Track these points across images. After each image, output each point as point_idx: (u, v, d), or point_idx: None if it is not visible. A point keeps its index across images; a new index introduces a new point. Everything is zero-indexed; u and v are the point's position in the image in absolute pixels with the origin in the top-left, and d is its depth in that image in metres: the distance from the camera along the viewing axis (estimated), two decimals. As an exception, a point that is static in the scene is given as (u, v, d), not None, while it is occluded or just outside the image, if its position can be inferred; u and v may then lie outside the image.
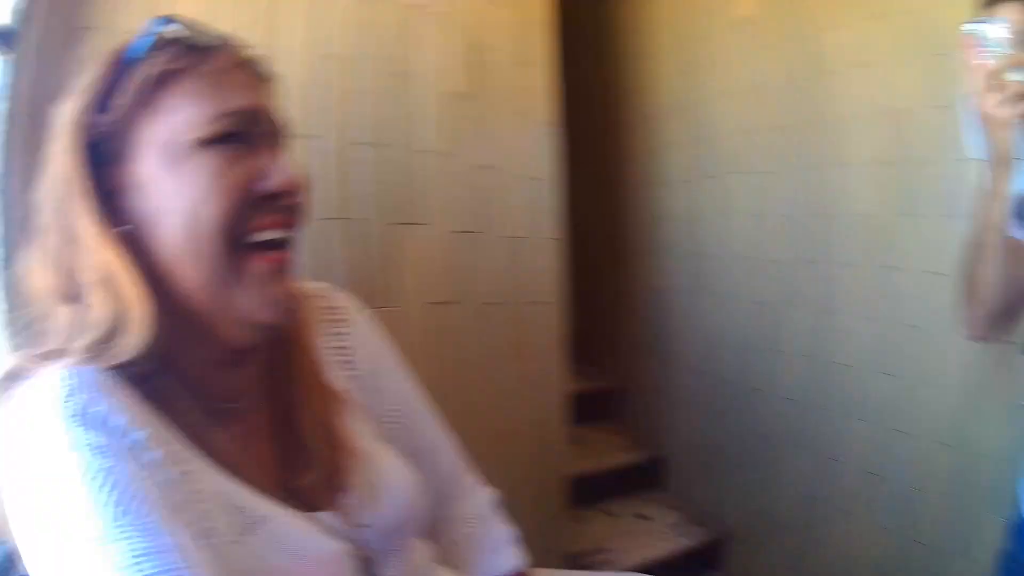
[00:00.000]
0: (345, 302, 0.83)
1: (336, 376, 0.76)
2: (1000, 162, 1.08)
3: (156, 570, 0.47)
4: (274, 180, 0.60)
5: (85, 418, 0.52)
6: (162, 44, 0.59)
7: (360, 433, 0.74)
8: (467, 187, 1.51)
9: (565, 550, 1.83)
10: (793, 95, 2.10)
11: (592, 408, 2.77)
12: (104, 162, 0.58)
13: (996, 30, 1.06)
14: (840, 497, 1.99)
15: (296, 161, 0.63)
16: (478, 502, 0.93)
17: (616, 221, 3.00)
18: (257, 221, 0.60)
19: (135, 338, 0.55)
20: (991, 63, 1.05)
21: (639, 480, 2.63)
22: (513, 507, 0.93)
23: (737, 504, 2.38)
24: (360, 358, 0.80)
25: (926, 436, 1.75)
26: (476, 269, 1.52)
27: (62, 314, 0.57)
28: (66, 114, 0.59)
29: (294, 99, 1.19)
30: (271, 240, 0.61)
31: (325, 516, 0.66)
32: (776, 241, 2.18)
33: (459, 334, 1.49)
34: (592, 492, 2.40)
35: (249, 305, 0.60)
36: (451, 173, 1.48)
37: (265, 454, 0.68)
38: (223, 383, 0.65)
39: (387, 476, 0.73)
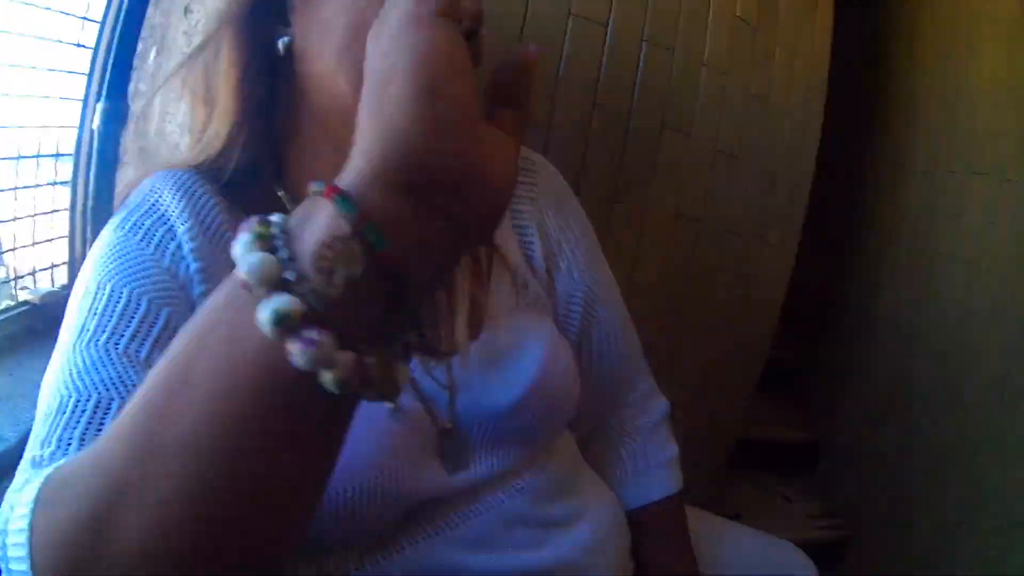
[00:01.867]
0: (539, 165, 0.77)
1: (499, 234, 0.69)
2: None
3: (78, 396, 0.45)
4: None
5: (126, 227, 0.54)
6: None
7: (501, 295, 0.67)
8: (739, 109, 1.47)
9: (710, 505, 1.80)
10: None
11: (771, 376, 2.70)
12: None
13: None
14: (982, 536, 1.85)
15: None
16: (650, 411, 0.86)
17: (850, 199, 2.87)
18: None
19: (218, 144, 0.55)
20: None
21: (793, 460, 2.55)
22: (684, 444, 0.87)
23: (878, 511, 2.26)
24: (536, 225, 0.73)
25: None
26: (727, 193, 1.49)
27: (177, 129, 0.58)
28: None
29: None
30: None
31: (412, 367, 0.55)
32: (999, 251, 2.03)
33: (696, 251, 1.46)
34: (746, 458, 2.33)
35: None
36: (727, 92, 1.45)
37: None
38: None
39: (518, 349, 0.64)
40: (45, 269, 1.16)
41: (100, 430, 0.43)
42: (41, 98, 1.06)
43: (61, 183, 1.13)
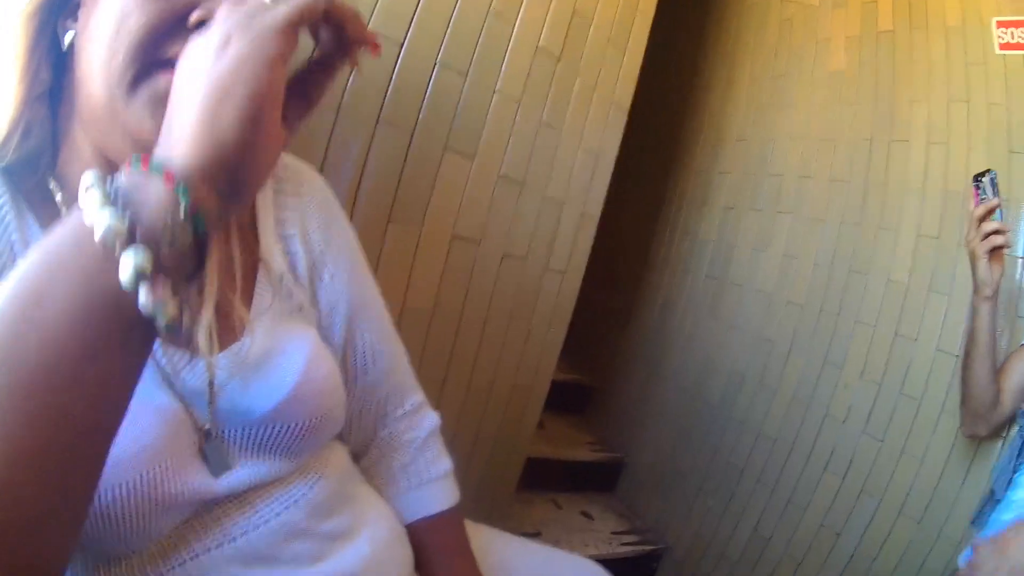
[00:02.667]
0: (306, 177, 0.78)
1: (261, 244, 0.71)
2: (977, 288, 1.45)
3: None
4: (214, 10, 0.54)
5: None
6: None
7: (262, 301, 0.68)
8: (528, 137, 1.52)
9: (505, 523, 1.85)
10: (860, 153, 2.14)
11: (565, 398, 2.80)
12: None
13: (988, 182, 1.45)
14: (794, 544, 2.04)
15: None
16: (420, 425, 0.87)
17: (646, 229, 3.03)
18: (177, 46, 0.52)
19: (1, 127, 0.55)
20: (978, 207, 1.44)
21: (592, 478, 2.65)
22: (470, 464, 0.88)
23: (684, 526, 2.42)
24: (301, 236, 0.74)
25: (893, 504, 1.81)
26: (509, 218, 1.53)
27: None
28: None
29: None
30: None
31: (170, 365, 0.59)
32: (801, 285, 2.22)
33: (475, 275, 1.49)
34: (544, 478, 2.42)
35: (140, 120, 0.53)
36: (518, 119, 1.49)
37: None
38: None
39: (279, 355, 0.65)
40: None
41: None
42: None
43: None
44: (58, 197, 0.58)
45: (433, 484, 0.85)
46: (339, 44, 0.50)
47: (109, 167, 0.58)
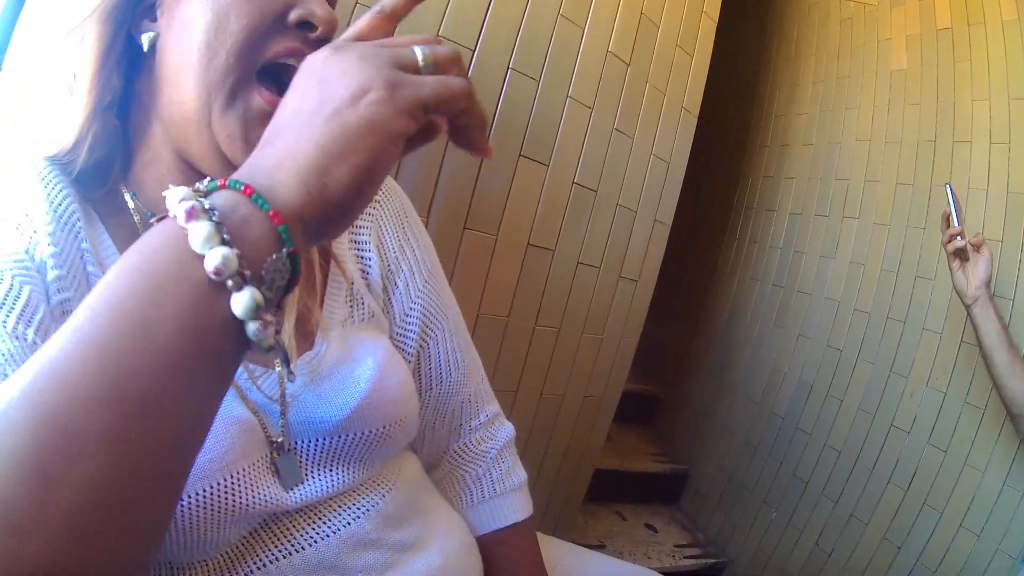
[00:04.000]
0: (386, 188, 0.77)
1: (334, 252, 0.70)
2: (960, 296, 1.50)
3: None
4: (313, 8, 0.55)
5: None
6: None
7: (336, 310, 0.67)
8: (600, 144, 1.49)
9: (571, 535, 1.81)
10: (924, 155, 2.09)
11: (631, 407, 2.75)
12: None
13: (948, 191, 1.53)
14: (854, 559, 2.00)
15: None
16: (495, 436, 0.85)
17: (713, 236, 2.98)
18: (278, 45, 0.54)
19: (71, 136, 0.53)
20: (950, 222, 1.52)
21: (657, 490, 2.61)
22: (539, 476, 0.86)
23: (746, 539, 2.37)
24: (376, 244, 0.73)
25: (954, 517, 1.77)
26: (584, 226, 1.50)
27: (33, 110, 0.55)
28: None
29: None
30: (291, 51, 0.55)
31: (243, 377, 0.59)
32: (868, 291, 2.16)
33: (550, 283, 1.47)
34: (609, 489, 2.38)
35: (230, 134, 0.54)
36: (591, 126, 1.47)
37: None
38: None
39: (350, 364, 0.64)
40: None
41: None
42: None
43: None
44: (131, 204, 0.57)
45: (508, 496, 0.83)
46: (457, 133, 0.46)
47: (191, 172, 0.57)
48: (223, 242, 0.34)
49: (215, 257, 0.33)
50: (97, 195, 0.56)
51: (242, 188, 0.36)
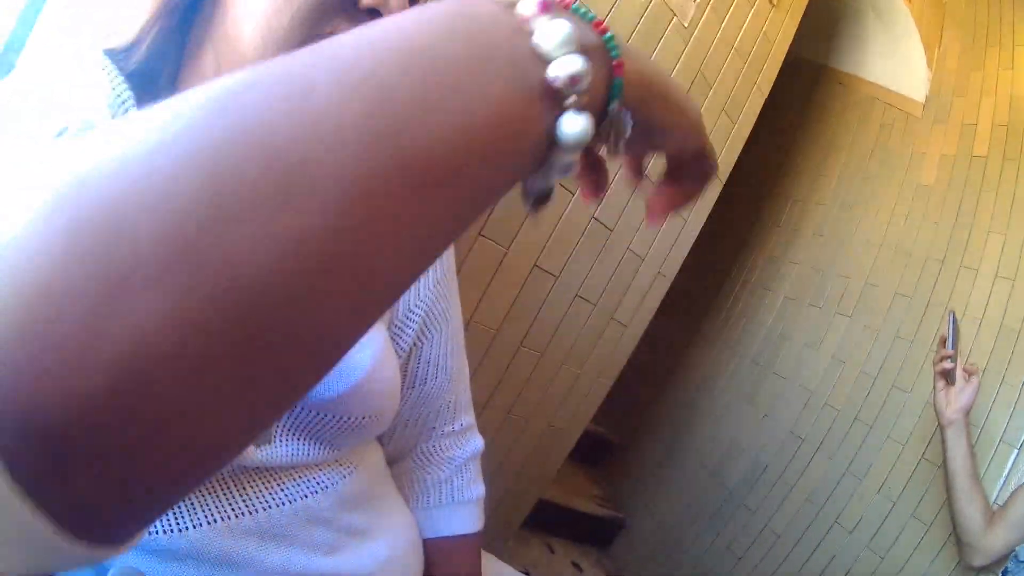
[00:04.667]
0: None
1: None
2: (937, 415, 1.53)
3: None
4: None
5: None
6: None
7: None
8: (627, 188, 1.50)
9: (499, 556, 1.81)
10: (929, 272, 2.13)
11: (585, 446, 2.76)
12: None
13: (950, 317, 1.60)
14: None
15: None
16: (465, 446, 0.84)
17: (703, 303, 3.00)
18: (341, 27, 0.52)
19: (130, 33, 0.52)
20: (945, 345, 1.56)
21: (590, 531, 2.60)
22: (487, 489, 0.86)
23: None
24: None
25: None
26: (590, 261, 1.51)
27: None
28: None
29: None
30: None
31: None
32: (843, 390, 2.19)
33: (545, 308, 1.48)
34: (545, 521, 2.38)
35: None
36: (621, 168, 1.48)
37: None
38: None
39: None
40: None
41: None
42: None
43: None
44: None
45: (464, 506, 0.82)
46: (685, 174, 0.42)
47: None
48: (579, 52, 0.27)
49: (569, 65, 0.26)
50: (144, 98, 0.54)
51: (593, 21, 0.30)
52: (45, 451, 0.16)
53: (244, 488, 0.58)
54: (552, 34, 0.27)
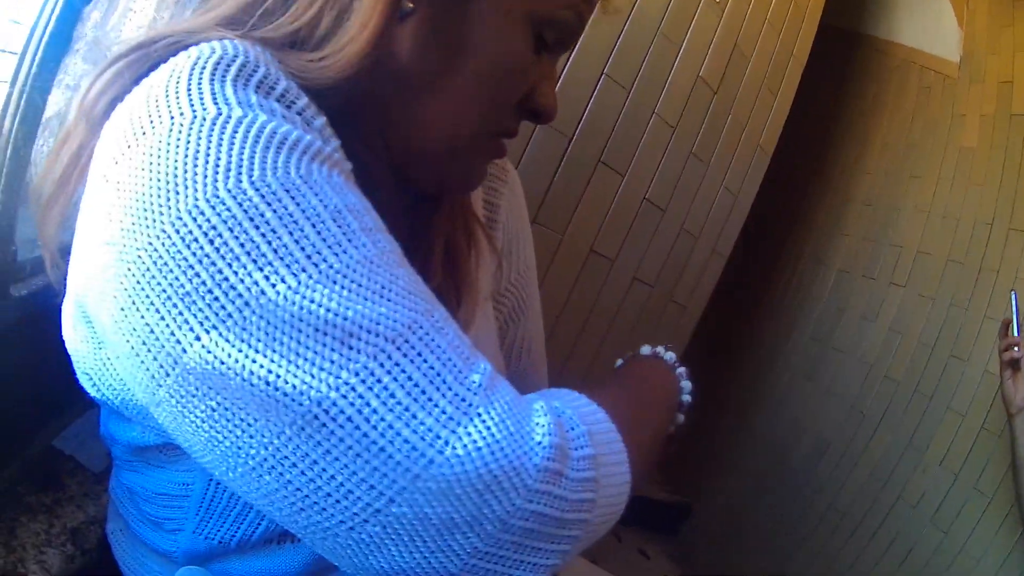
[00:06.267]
0: (510, 168, 0.77)
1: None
2: (1005, 405, 1.48)
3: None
4: (550, 102, 0.54)
5: (268, 90, 0.39)
6: None
7: (484, 284, 0.67)
8: (677, 165, 1.50)
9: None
10: (979, 236, 2.06)
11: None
12: None
13: (1013, 298, 1.53)
14: None
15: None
16: None
17: (760, 278, 2.96)
18: (512, 122, 0.54)
19: (344, 52, 0.43)
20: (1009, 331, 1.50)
21: (658, 518, 2.59)
22: None
23: None
24: (503, 222, 0.74)
25: None
26: (646, 241, 1.50)
27: None
28: None
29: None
30: (514, 132, 0.55)
31: None
32: (902, 361, 2.15)
33: (603, 292, 1.47)
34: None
35: (460, 173, 0.55)
36: (670, 147, 1.47)
37: None
38: (375, 179, 0.52)
39: (482, 339, 0.65)
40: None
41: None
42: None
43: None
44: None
45: None
46: None
47: (381, 162, 0.53)
48: (688, 391, 0.66)
49: (687, 395, 0.65)
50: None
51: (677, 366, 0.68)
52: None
53: None
54: (685, 386, 0.66)
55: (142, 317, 0.35)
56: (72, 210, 0.44)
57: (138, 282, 0.34)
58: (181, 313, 0.34)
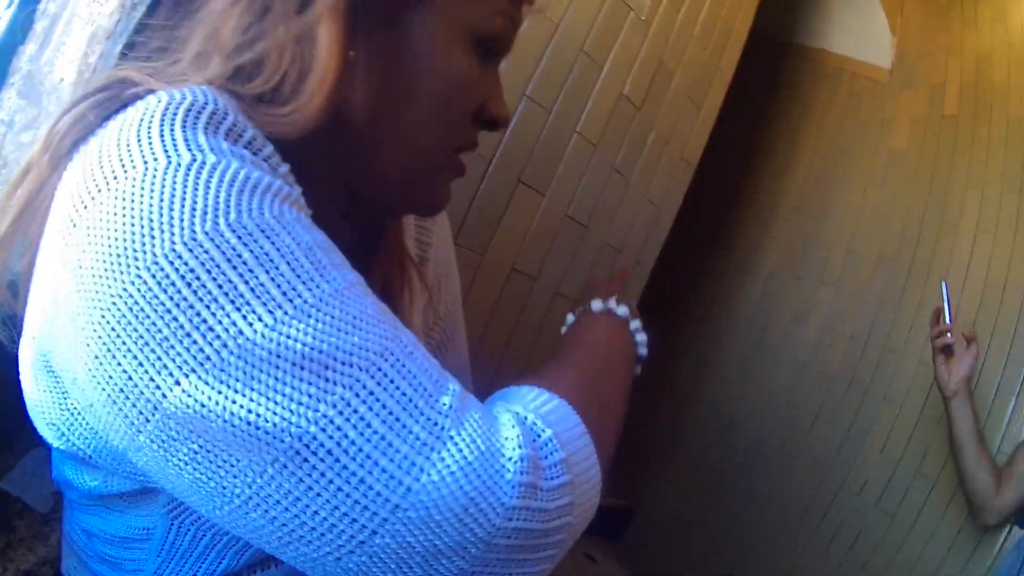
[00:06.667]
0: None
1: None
2: (940, 389, 1.56)
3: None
4: (502, 110, 0.57)
5: (236, 137, 0.41)
6: None
7: (418, 324, 0.71)
8: (598, 181, 1.53)
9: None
10: (910, 235, 2.14)
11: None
12: None
13: (943, 287, 1.59)
14: None
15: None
16: None
17: (688, 284, 3.02)
18: (469, 135, 0.57)
19: (307, 107, 0.45)
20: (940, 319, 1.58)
21: (601, 523, 2.62)
22: None
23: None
24: (433, 259, 0.76)
25: None
26: (568, 257, 1.54)
27: (223, 35, 0.46)
28: None
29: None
30: (472, 145, 0.58)
31: None
32: (835, 357, 2.23)
33: (526, 310, 1.50)
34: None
35: (429, 195, 0.58)
36: (591, 164, 1.50)
37: None
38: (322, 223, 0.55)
39: None
40: None
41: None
42: None
43: None
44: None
45: None
46: None
47: (334, 203, 0.54)
48: (643, 344, 0.69)
49: (643, 348, 0.69)
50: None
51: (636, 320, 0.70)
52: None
53: None
54: (640, 341, 0.69)
55: (119, 364, 0.35)
56: (28, 248, 0.44)
57: (113, 329, 0.35)
58: (160, 358, 0.34)
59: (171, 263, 0.34)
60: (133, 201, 0.36)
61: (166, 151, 0.37)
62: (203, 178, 0.36)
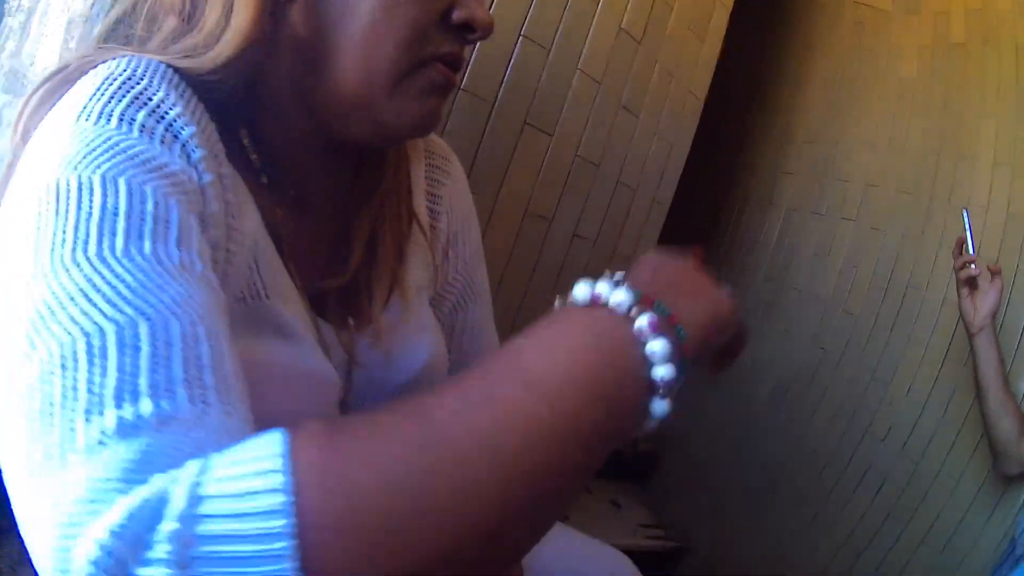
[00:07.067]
0: (453, 158, 0.79)
1: (422, 214, 0.72)
2: (965, 325, 1.50)
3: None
4: (474, 12, 0.54)
5: (112, 120, 0.42)
6: None
7: (414, 278, 0.69)
8: (606, 119, 1.50)
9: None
10: (927, 166, 2.09)
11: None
12: None
13: (965, 216, 1.52)
14: (812, 563, 2.02)
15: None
16: None
17: (707, 223, 2.98)
18: (441, 46, 0.55)
19: (221, 51, 0.48)
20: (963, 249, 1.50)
21: (626, 469, 2.63)
22: None
23: (708, 528, 2.40)
24: (447, 213, 0.75)
25: (918, 531, 1.79)
26: (582, 198, 1.51)
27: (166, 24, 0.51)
28: None
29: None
30: (451, 55, 0.56)
31: (328, 328, 0.60)
32: (858, 295, 2.18)
33: (544, 253, 1.48)
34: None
35: (401, 112, 0.54)
36: (597, 102, 1.47)
37: (314, 254, 0.61)
38: (306, 168, 0.60)
39: (413, 334, 0.66)
40: None
41: (202, 370, 0.34)
42: None
43: None
44: (245, 142, 0.55)
45: None
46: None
47: (315, 140, 0.57)
48: (672, 360, 0.40)
49: (665, 372, 0.40)
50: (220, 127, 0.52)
51: (669, 315, 0.41)
52: None
53: None
54: (658, 349, 0.40)
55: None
56: None
57: None
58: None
59: (36, 193, 0.38)
60: (42, 143, 0.42)
61: (85, 110, 0.42)
62: (94, 137, 0.41)
